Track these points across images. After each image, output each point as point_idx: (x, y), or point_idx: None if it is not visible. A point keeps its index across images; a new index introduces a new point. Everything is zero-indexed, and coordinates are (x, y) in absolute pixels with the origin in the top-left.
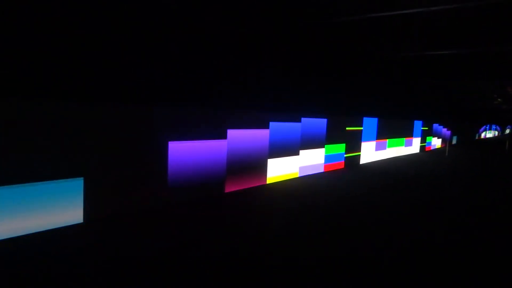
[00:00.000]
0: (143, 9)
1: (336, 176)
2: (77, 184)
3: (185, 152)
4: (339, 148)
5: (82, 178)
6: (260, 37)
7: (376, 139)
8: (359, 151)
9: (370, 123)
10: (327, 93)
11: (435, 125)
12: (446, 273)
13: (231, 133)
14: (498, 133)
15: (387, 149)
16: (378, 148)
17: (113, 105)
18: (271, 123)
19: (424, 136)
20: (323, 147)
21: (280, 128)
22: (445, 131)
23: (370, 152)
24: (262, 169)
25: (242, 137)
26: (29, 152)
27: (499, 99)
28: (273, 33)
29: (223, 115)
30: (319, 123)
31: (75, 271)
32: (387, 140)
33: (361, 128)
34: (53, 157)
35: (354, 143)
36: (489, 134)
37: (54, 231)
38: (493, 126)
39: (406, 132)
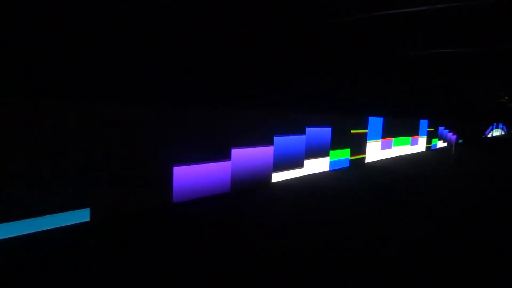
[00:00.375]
0: (152, 9)
1: (340, 176)
2: (83, 215)
3: (190, 176)
4: (344, 154)
5: (88, 208)
6: (260, 40)
7: (382, 137)
8: (365, 153)
9: (375, 123)
10: (332, 93)
11: (441, 129)
12: (446, 272)
13: (235, 152)
14: (505, 133)
15: (393, 147)
16: (383, 147)
17: (114, 117)
18: (275, 138)
19: (430, 137)
20: (328, 155)
21: (285, 142)
22: (450, 135)
23: (375, 152)
24: (266, 182)
25: (246, 156)
26: (31, 185)
27: (506, 97)
28: (274, 35)
29: (228, 128)
30: (324, 133)
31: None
32: (393, 139)
33: (366, 130)
34: (59, 186)
35: (359, 146)
36: (496, 132)
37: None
38: (500, 125)
39: (412, 131)
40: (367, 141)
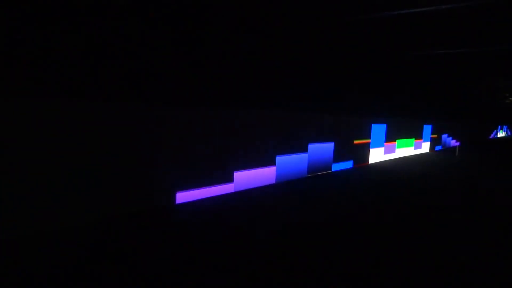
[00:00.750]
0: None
1: (342, 176)
2: None
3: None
4: (347, 166)
5: None
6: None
7: (385, 142)
8: (367, 162)
9: (378, 130)
10: (334, 95)
11: (444, 136)
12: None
13: (237, 175)
14: (508, 134)
15: (396, 150)
16: (387, 151)
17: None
18: (277, 157)
19: (433, 144)
20: (331, 169)
21: (287, 161)
22: (454, 142)
23: (379, 157)
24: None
25: (249, 178)
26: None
27: (511, 98)
28: (273, 38)
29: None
30: (327, 148)
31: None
32: (396, 141)
33: (369, 140)
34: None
35: (362, 156)
36: (501, 134)
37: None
38: (504, 128)
39: (415, 134)
40: (370, 148)
